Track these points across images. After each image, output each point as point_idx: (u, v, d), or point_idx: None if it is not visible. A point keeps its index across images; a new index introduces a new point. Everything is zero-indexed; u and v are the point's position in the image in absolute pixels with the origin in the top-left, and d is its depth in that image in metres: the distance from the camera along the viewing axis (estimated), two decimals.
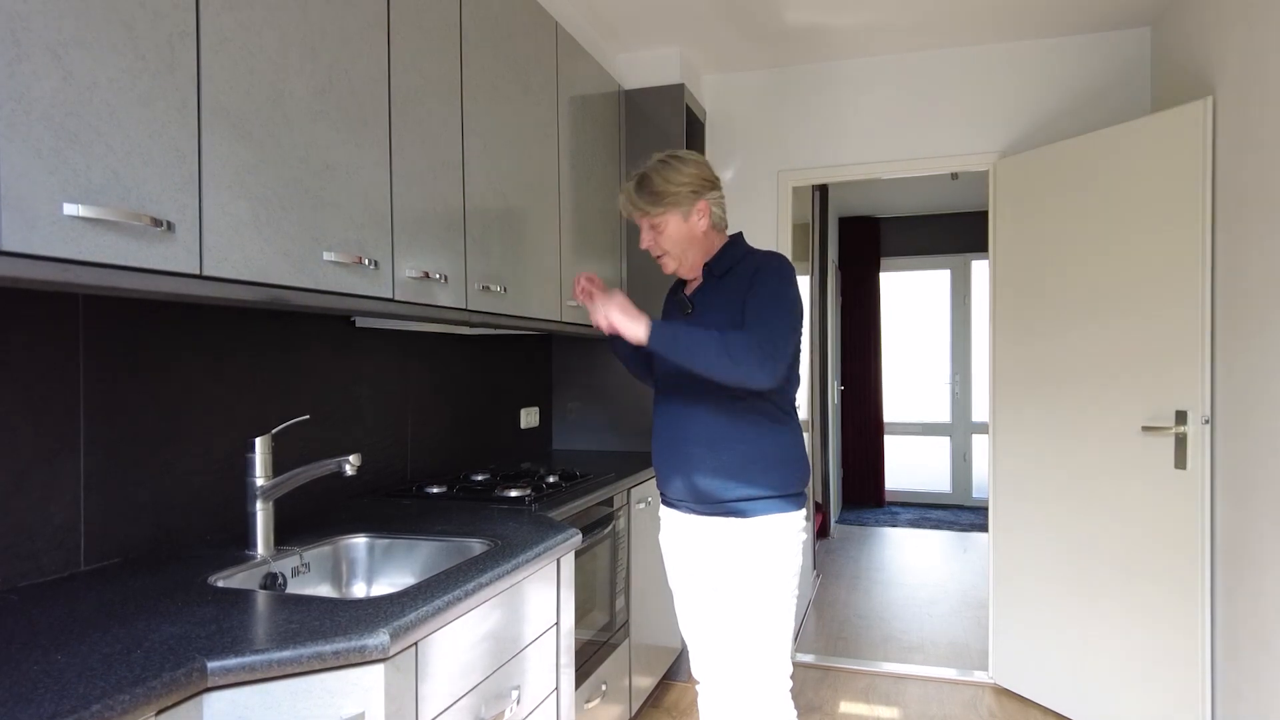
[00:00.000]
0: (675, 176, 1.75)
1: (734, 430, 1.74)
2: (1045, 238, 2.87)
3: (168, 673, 0.90)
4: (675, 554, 1.91)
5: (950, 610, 4.02)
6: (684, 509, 1.84)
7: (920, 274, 6.99)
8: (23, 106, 0.93)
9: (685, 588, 1.91)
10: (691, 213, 1.77)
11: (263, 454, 1.48)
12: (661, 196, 1.75)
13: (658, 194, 1.75)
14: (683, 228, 1.77)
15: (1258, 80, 2.16)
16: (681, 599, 1.93)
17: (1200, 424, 2.39)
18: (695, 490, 1.77)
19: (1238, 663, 2.27)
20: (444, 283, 1.79)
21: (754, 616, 1.73)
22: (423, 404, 2.34)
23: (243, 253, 1.23)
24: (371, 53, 1.55)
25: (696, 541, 1.85)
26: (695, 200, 1.76)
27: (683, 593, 1.92)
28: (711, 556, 1.81)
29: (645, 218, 1.78)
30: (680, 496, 1.82)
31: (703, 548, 1.84)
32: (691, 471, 1.77)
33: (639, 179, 1.77)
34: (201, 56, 1.17)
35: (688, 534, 1.86)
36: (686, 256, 1.79)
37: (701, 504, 1.78)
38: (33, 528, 1.26)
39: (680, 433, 1.78)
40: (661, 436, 1.83)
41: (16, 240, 0.92)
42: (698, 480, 1.77)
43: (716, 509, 1.77)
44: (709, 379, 1.65)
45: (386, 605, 1.14)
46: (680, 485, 1.80)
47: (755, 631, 1.73)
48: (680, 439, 1.78)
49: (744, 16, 2.88)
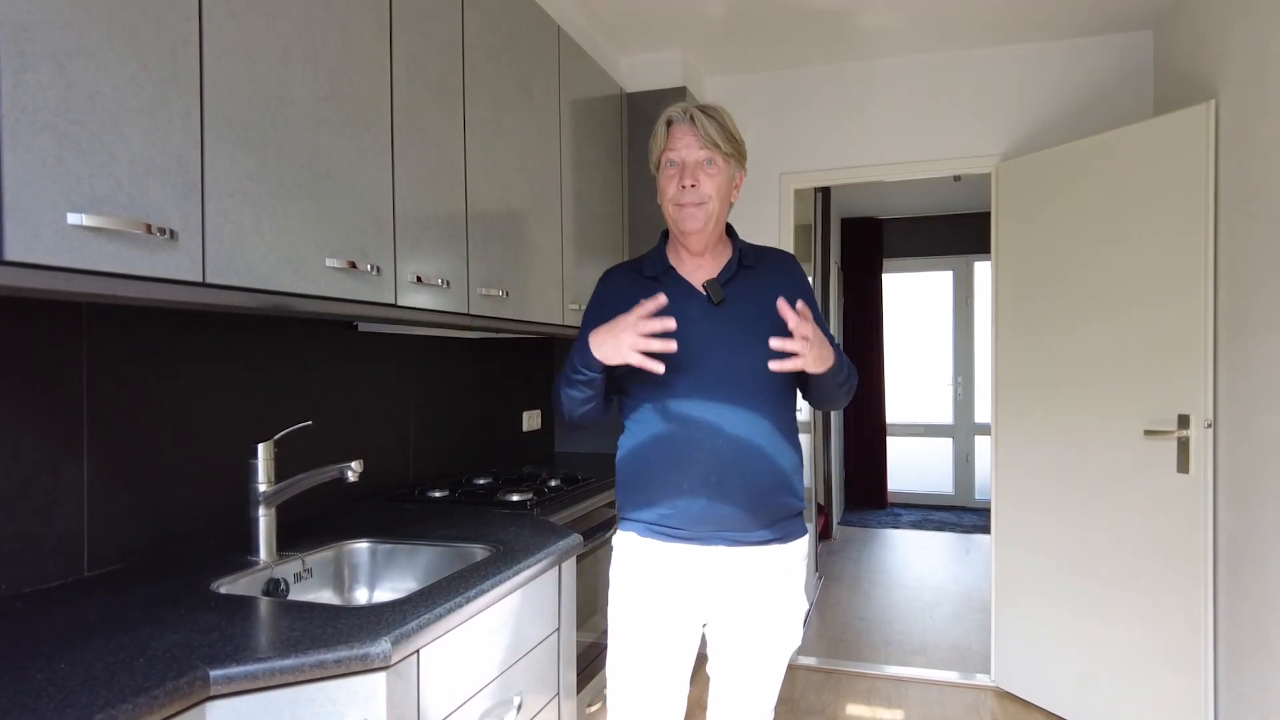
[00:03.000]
0: (737, 131, 1.53)
1: (782, 438, 1.51)
2: (1047, 240, 2.86)
3: (170, 681, 0.90)
4: (664, 598, 1.50)
5: (952, 613, 4.02)
6: (695, 539, 1.48)
7: (922, 275, 6.99)
8: (27, 116, 0.93)
9: (671, 643, 1.50)
10: (736, 176, 1.55)
11: (265, 460, 1.49)
12: (734, 141, 1.50)
13: (732, 137, 1.50)
14: (727, 186, 1.52)
15: (1261, 84, 2.16)
16: (661, 658, 1.50)
17: (1203, 428, 2.39)
18: (735, 515, 1.46)
19: (1240, 666, 2.26)
20: (446, 288, 1.79)
21: (783, 660, 1.54)
22: (425, 407, 2.35)
23: (245, 260, 1.24)
24: (374, 59, 1.56)
25: (712, 579, 1.49)
26: (742, 166, 1.56)
27: (664, 650, 1.50)
28: (736, 594, 1.49)
29: (714, 152, 1.47)
30: (695, 523, 1.47)
31: (722, 586, 1.49)
32: (732, 491, 1.45)
33: (704, 110, 1.49)
34: (204, 65, 1.17)
35: (693, 571, 1.49)
36: (712, 222, 1.50)
37: (738, 531, 1.47)
38: (37, 534, 1.27)
39: (718, 441, 1.45)
40: (680, 450, 1.47)
41: (20, 250, 0.92)
42: (742, 500, 1.46)
43: (759, 535, 1.49)
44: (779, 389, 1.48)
45: (388, 613, 1.15)
46: (704, 509, 1.46)
47: (779, 676, 1.55)
48: (719, 448, 1.45)
49: (746, 19, 2.88)
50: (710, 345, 1.48)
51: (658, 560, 1.51)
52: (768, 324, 1.46)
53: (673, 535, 1.50)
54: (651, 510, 1.50)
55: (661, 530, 1.50)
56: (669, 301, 1.42)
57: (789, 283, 1.57)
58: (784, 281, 1.56)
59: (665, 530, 1.50)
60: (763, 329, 1.46)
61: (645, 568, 1.52)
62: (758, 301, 1.51)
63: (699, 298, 1.52)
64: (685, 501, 1.47)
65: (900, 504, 6.89)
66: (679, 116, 1.50)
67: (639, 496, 1.52)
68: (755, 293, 1.52)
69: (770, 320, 1.44)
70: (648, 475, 1.50)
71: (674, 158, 1.49)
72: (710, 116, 1.48)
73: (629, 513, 1.55)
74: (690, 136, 1.48)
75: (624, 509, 1.57)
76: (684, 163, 1.48)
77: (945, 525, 6.08)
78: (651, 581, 1.51)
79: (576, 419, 1.55)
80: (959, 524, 6.12)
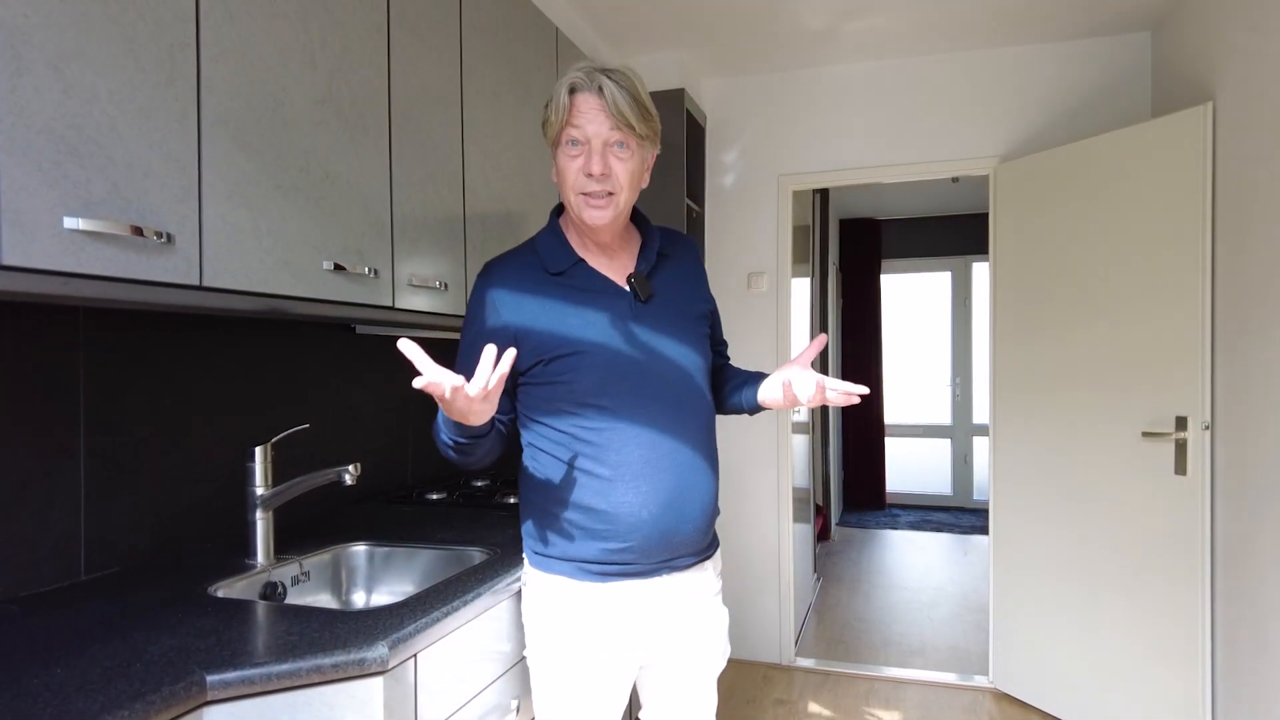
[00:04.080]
0: (652, 107, 1.30)
1: (713, 442, 1.40)
2: (1045, 242, 2.86)
3: (167, 687, 0.90)
4: (606, 650, 1.30)
5: (951, 614, 4.02)
6: (640, 574, 1.29)
7: (921, 276, 6.99)
8: (24, 120, 0.93)
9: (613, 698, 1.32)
10: (649, 159, 1.35)
11: (262, 463, 1.48)
12: (648, 118, 1.28)
13: (646, 113, 1.28)
14: (638, 172, 1.31)
15: (1258, 86, 2.16)
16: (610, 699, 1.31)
17: (1200, 430, 2.39)
18: (691, 537, 1.32)
19: (1238, 668, 2.27)
20: (444, 290, 1.79)
21: (716, 676, 1.44)
22: (423, 408, 2.34)
23: (242, 263, 1.24)
24: (372, 61, 1.55)
25: (655, 615, 1.32)
26: (656, 145, 1.34)
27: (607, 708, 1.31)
28: (676, 625, 1.35)
29: (628, 135, 1.26)
30: (649, 554, 1.28)
31: (664, 620, 1.33)
32: (692, 510, 1.31)
33: (611, 75, 1.25)
34: (202, 67, 1.17)
35: (638, 610, 1.31)
36: (622, 211, 1.31)
37: (687, 554, 1.33)
38: (33, 538, 1.27)
39: (679, 456, 1.30)
40: (638, 471, 1.27)
41: (17, 255, 0.92)
42: (699, 518, 1.32)
43: (700, 556, 1.37)
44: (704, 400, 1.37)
45: (385, 617, 1.14)
46: (665, 536, 1.28)
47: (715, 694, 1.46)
48: (680, 464, 1.30)
49: (744, 21, 2.88)
50: (647, 348, 1.31)
51: (597, 606, 1.29)
52: (691, 320, 1.37)
53: (615, 573, 1.28)
54: (594, 545, 1.27)
55: (603, 569, 1.28)
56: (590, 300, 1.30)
57: (697, 271, 1.46)
58: (694, 270, 1.45)
59: (609, 567, 1.28)
60: (690, 326, 1.37)
61: (582, 618, 1.29)
62: (679, 295, 1.38)
63: (624, 295, 1.33)
64: (646, 530, 1.26)
65: (898, 505, 6.90)
66: (584, 83, 1.24)
67: (574, 531, 1.28)
68: (675, 285, 1.39)
69: (692, 316, 1.37)
70: (592, 505, 1.27)
71: (577, 135, 1.25)
72: (620, 86, 1.24)
73: (555, 550, 1.30)
74: (599, 111, 1.24)
75: (546, 547, 1.31)
76: (589, 143, 1.25)
77: (943, 526, 6.08)
78: (591, 634, 1.29)
79: (477, 467, 1.34)
80: (957, 525, 6.12)
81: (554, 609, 1.31)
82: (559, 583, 1.31)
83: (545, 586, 1.32)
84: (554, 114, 1.27)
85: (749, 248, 3.46)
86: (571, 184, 1.28)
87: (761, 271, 3.43)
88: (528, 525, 1.36)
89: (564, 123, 1.25)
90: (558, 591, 1.30)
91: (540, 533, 1.33)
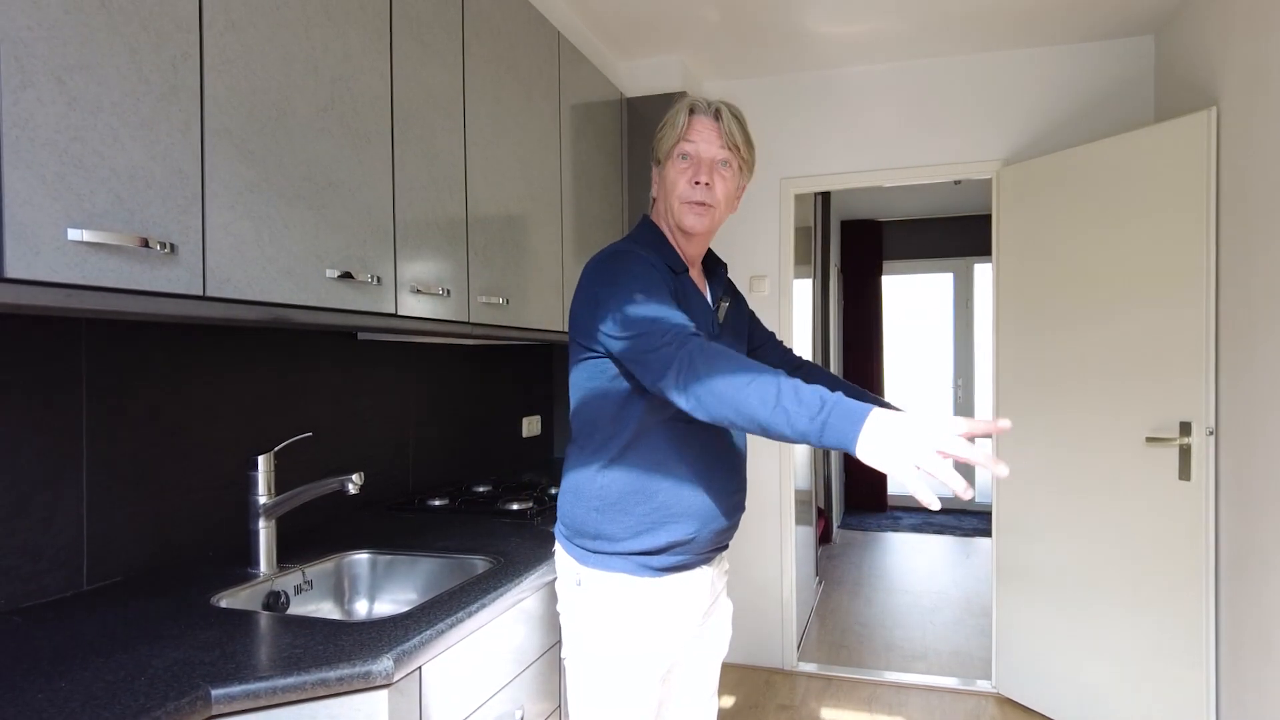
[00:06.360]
0: (753, 139, 1.46)
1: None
2: (1048, 246, 2.86)
3: (172, 701, 0.89)
4: (665, 650, 1.35)
5: (953, 618, 4.02)
6: (689, 565, 1.37)
7: (923, 277, 6.99)
8: (27, 133, 0.92)
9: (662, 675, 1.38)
10: (743, 186, 1.48)
11: (265, 472, 1.48)
12: (751, 147, 1.44)
13: (750, 143, 1.43)
14: (734, 194, 1.44)
15: (1262, 91, 2.16)
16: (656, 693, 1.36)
17: (1204, 435, 2.38)
18: (734, 526, 1.42)
19: (1242, 674, 2.26)
20: (446, 296, 1.79)
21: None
22: (425, 415, 2.34)
23: (245, 273, 1.23)
24: (374, 68, 1.55)
25: (697, 608, 1.41)
26: (749, 177, 1.48)
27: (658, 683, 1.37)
28: (706, 616, 1.47)
29: (733, 154, 1.39)
30: (712, 541, 1.38)
31: (701, 612, 1.43)
32: (742, 499, 1.43)
33: (730, 108, 1.40)
34: (205, 78, 1.17)
35: (686, 604, 1.38)
36: (715, 225, 1.43)
37: (722, 545, 1.43)
38: (36, 548, 1.26)
39: (737, 451, 1.43)
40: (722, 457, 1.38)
41: (20, 267, 0.91)
42: (741, 510, 1.44)
43: (725, 547, 1.47)
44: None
45: (390, 628, 1.14)
46: (729, 522, 1.39)
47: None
48: (739, 458, 1.43)
49: (746, 24, 2.88)
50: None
51: (656, 603, 1.33)
52: (741, 347, 1.55)
53: (671, 566, 1.33)
54: (662, 533, 1.30)
55: (662, 561, 1.32)
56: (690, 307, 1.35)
57: (748, 314, 1.63)
58: (746, 312, 1.62)
59: (669, 559, 1.32)
60: (741, 350, 1.54)
61: (643, 615, 1.32)
62: (737, 332, 1.55)
63: (709, 313, 1.44)
64: (719, 517, 1.35)
65: (900, 507, 6.89)
66: (703, 108, 1.39)
67: (645, 520, 1.30)
68: (735, 322, 1.55)
69: (742, 351, 1.52)
70: (674, 493, 1.30)
71: (690, 150, 1.38)
72: (733, 115, 1.39)
73: (618, 545, 1.31)
74: (712, 132, 1.37)
75: (610, 541, 1.32)
76: (700, 158, 1.37)
77: (945, 529, 6.08)
78: (651, 629, 1.32)
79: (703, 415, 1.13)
80: (959, 527, 6.12)
81: (613, 607, 1.32)
82: (619, 580, 1.32)
83: (602, 585, 1.33)
84: (668, 130, 1.41)
85: (751, 251, 3.45)
86: (680, 193, 1.38)
87: (764, 275, 3.43)
88: (588, 521, 1.33)
89: (680, 137, 1.39)
90: (616, 589, 1.32)
91: (601, 525, 1.32)
